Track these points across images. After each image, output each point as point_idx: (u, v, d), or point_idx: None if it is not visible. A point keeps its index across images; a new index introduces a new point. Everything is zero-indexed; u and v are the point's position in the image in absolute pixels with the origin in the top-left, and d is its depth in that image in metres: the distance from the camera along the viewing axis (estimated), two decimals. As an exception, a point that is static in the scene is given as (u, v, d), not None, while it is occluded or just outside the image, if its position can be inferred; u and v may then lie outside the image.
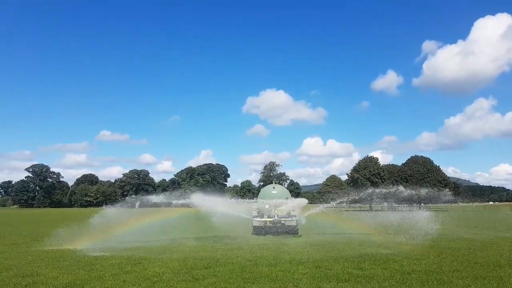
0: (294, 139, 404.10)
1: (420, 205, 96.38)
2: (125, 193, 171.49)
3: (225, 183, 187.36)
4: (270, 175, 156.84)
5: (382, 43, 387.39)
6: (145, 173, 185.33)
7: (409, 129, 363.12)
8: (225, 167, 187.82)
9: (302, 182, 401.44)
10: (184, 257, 13.18)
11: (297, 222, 22.42)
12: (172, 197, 25.56)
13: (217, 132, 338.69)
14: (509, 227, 27.26)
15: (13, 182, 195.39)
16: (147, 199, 22.67)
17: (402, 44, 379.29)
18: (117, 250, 15.12)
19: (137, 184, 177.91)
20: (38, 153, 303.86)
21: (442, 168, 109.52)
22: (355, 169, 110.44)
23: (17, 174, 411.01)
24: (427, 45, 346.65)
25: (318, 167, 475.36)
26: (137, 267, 11.38)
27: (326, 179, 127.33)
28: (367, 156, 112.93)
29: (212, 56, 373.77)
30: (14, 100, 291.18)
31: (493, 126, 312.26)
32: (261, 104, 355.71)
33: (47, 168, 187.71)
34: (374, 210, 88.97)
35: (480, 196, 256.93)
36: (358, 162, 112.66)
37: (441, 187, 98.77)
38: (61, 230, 19.56)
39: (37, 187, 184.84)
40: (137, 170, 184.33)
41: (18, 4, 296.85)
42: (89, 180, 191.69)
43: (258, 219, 22.42)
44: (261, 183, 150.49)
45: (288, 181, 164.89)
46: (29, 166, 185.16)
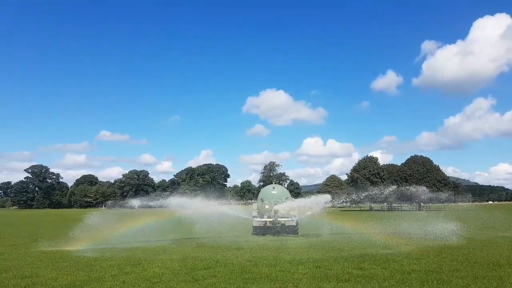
0: (294, 139, 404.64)
1: (420, 205, 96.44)
2: (125, 194, 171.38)
3: (225, 183, 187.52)
4: (270, 175, 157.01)
5: (382, 43, 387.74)
6: (145, 174, 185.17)
7: (409, 129, 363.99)
8: (225, 167, 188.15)
9: (302, 182, 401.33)
10: (184, 258, 13.18)
11: (297, 222, 22.41)
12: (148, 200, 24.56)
13: (217, 132, 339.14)
14: (509, 227, 27.25)
15: (13, 183, 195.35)
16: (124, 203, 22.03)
17: (402, 44, 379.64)
18: (117, 251, 15.11)
19: (137, 185, 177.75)
20: (38, 154, 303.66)
21: (442, 168, 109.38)
22: (355, 169, 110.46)
23: (17, 175, 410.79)
24: (427, 45, 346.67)
25: (318, 167, 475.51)
26: (137, 268, 11.38)
27: (326, 179, 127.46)
28: (367, 156, 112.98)
29: (212, 56, 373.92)
30: (14, 100, 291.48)
31: (493, 126, 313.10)
32: (261, 104, 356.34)
33: (47, 169, 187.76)
34: (374, 210, 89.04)
35: (480, 196, 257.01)
36: (358, 162, 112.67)
37: (441, 187, 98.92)
38: (61, 232, 19.54)
39: (37, 188, 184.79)
40: (137, 171, 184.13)
41: (18, 4, 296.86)
42: (89, 181, 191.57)
43: (258, 219, 22.40)
44: (261, 183, 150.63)
45: (288, 181, 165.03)
46: (29, 167, 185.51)
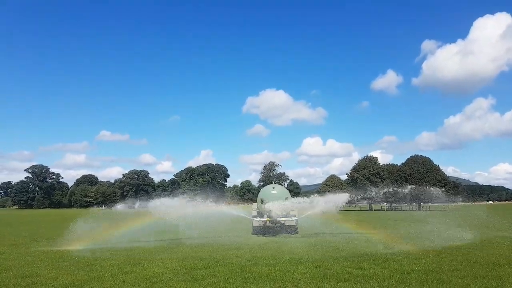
0: (294, 139, 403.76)
1: (420, 205, 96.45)
2: (125, 194, 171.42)
3: (225, 183, 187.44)
4: (270, 175, 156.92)
5: (382, 43, 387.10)
6: (145, 174, 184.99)
7: (409, 129, 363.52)
8: (225, 167, 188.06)
9: (302, 182, 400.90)
10: (184, 257, 13.18)
11: (297, 222, 22.43)
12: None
13: (217, 132, 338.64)
14: (509, 227, 27.27)
15: (13, 183, 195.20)
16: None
17: (402, 44, 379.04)
18: (117, 250, 15.13)
19: (137, 185, 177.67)
20: (38, 154, 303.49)
21: (442, 168, 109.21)
22: (355, 169, 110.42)
23: (17, 175, 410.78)
24: (427, 45, 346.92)
25: (318, 167, 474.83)
26: (137, 268, 11.39)
27: (326, 179, 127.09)
28: (367, 156, 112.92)
29: (212, 56, 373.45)
30: (14, 100, 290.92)
31: (493, 126, 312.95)
32: (261, 104, 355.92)
33: (47, 169, 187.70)
34: (374, 210, 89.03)
35: (480, 196, 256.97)
36: (358, 162, 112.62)
37: (441, 187, 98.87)
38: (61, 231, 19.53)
39: (37, 188, 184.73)
40: (137, 171, 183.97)
41: (18, 4, 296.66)
42: (89, 181, 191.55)
43: (258, 219, 22.41)
44: (261, 183, 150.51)
45: (288, 181, 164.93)
46: (29, 167, 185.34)
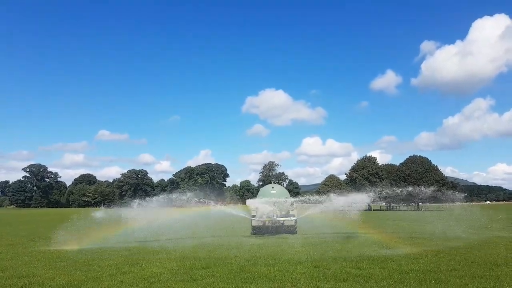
0: (294, 139, 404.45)
1: (419, 205, 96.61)
2: (123, 193, 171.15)
3: (224, 183, 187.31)
4: (269, 175, 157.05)
5: (381, 43, 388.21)
6: (144, 173, 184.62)
7: (408, 129, 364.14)
8: (224, 167, 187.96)
9: (301, 182, 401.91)
10: (182, 257, 13.13)
11: (296, 222, 22.40)
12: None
13: (217, 132, 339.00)
14: (506, 227, 27.32)
15: (10, 182, 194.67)
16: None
17: (401, 44, 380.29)
18: (115, 250, 15.07)
19: (136, 184, 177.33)
20: (36, 153, 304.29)
21: (440, 168, 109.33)
22: (354, 169, 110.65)
23: (15, 174, 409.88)
24: (426, 45, 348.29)
25: (317, 167, 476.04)
26: (135, 268, 11.34)
27: (325, 179, 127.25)
28: (366, 156, 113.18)
29: (212, 56, 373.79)
30: (14, 100, 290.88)
31: (491, 126, 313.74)
32: (261, 104, 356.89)
33: (45, 168, 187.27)
34: (373, 210, 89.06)
35: (478, 196, 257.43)
36: (357, 162, 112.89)
37: (439, 187, 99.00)
38: (59, 231, 19.47)
39: (35, 187, 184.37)
40: (136, 170, 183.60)
41: (18, 4, 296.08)
42: (87, 180, 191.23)
43: (257, 219, 22.36)
44: (260, 183, 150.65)
45: (287, 181, 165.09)
46: (26, 166, 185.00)
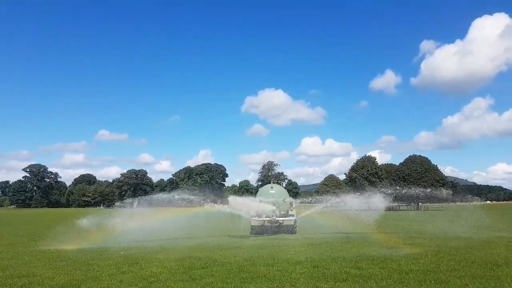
0: (293, 139, 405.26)
1: (418, 205, 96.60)
2: (123, 193, 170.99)
3: (224, 183, 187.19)
4: (268, 175, 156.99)
5: (381, 43, 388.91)
6: (143, 173, 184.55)
7: (407, 129, 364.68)
8: (224, 167, 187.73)
9: (301, 182, 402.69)
10: (182, 257, 13.12)
11: (295, 222, 22.41)
12: None
13: (216, 132, 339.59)
14: (507, 226, 27.32)
15: (11, 182, 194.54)
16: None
17: (401, 44, 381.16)
18: (114, 250, 15.07)
19: (135, 184, 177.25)
20: (36, 153, 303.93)
21: (440, 168, 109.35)
22: (353, 169, 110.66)
23: (15, 174, 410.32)
24: (425, 45, 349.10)
25: (317, 167, 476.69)
26: (134, 267, 11.34)
27: (324, 179, 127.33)
28: (365, 156, 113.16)
29: (212, 56, 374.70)
30: (14, 100, 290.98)
31: (491, 126, 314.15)
32: (260, 104, 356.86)
33: (45, 168, 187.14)
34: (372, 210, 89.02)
35: (478, 196, 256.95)
36: (356, 162, 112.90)
37: (439, 187, 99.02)
38: (59, 230, 19.46)
39: (35, 187, 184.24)
40: (135, 170, 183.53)
41: (18, 4, 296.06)
42: (87, 180, 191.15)
43: (256, 219, 22.36)
44: (260, 183, 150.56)
45: (286, 181, 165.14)
46: (27, 166, 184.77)
